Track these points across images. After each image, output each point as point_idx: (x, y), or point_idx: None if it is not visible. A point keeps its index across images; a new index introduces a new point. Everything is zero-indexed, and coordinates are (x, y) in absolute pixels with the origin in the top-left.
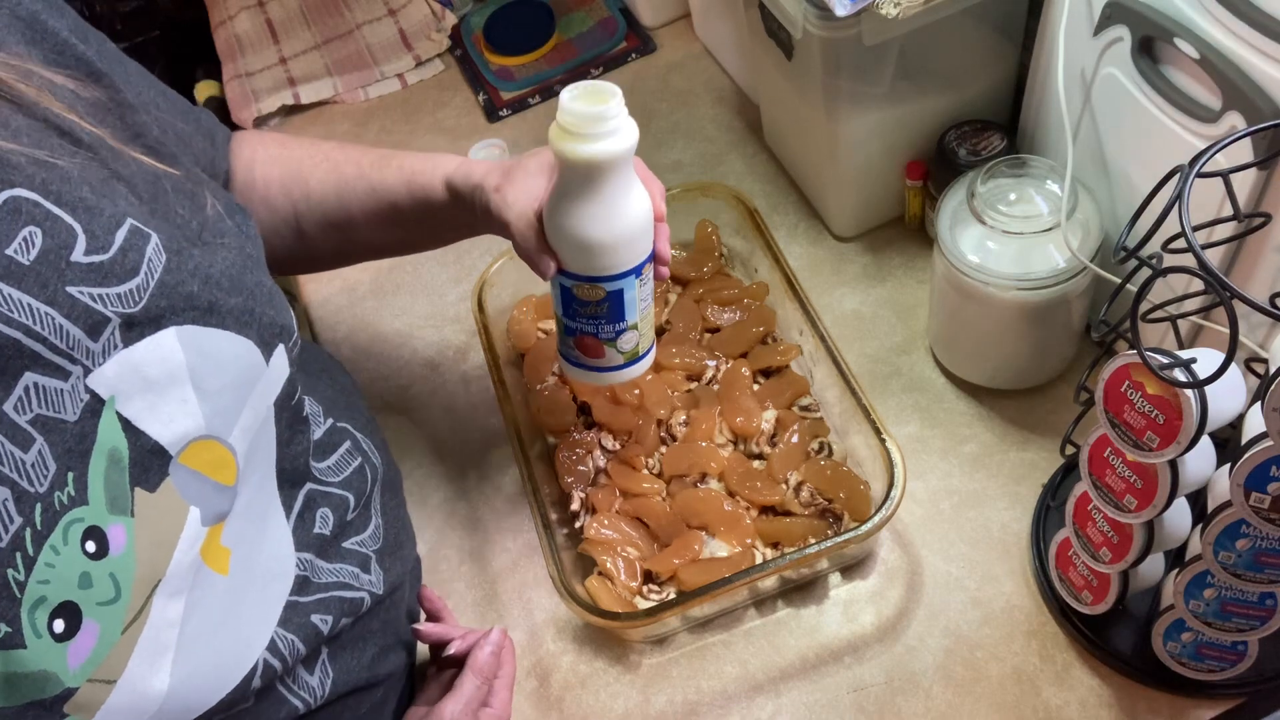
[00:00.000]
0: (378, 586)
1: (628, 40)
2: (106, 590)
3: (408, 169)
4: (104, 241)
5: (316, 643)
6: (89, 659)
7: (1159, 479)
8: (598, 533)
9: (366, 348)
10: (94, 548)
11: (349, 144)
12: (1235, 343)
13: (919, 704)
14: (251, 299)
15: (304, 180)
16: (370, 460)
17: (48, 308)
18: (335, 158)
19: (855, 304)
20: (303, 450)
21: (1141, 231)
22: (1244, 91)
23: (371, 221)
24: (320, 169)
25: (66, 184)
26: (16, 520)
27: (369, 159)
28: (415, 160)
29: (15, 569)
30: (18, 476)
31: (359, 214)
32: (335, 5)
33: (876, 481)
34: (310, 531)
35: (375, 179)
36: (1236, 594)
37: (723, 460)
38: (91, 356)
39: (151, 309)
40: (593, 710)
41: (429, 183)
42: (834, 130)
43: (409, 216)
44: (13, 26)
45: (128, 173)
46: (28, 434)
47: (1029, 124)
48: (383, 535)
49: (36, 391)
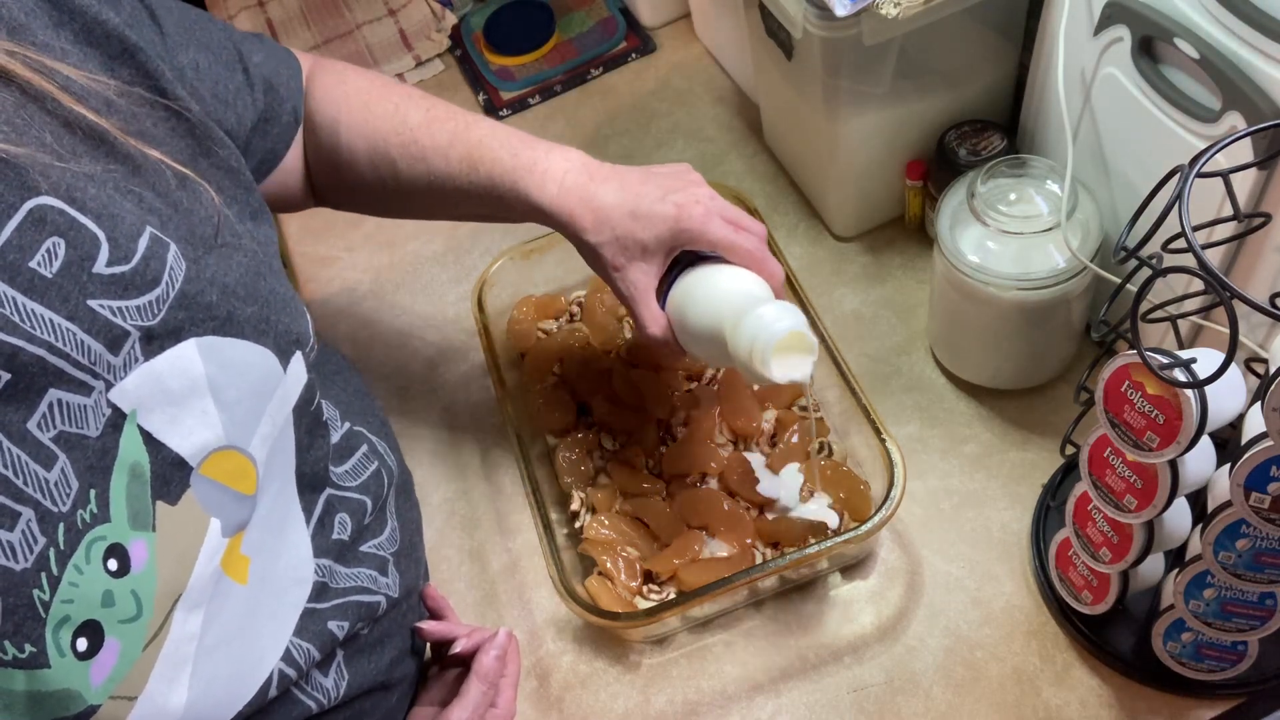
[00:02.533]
0: (394, 589)
1: (628, 40)
2: (128, 608)
3: (496, 175)
4: (126, 250)
5: (331, 648)
6: (110, 676)
7: (1159, 479)
8: (598, 533)
9: (366, 348)
10: (116, 565)
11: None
12: (1235, 343)
13: (919, 704)
14: (267, 307)
15: (391, 162)
16: (386, 463)
17: (69, 323)
18: (423, 143)
19: (855, 304)
20: (322, 455)
21: (1141, 231)
22: (1244, 91)
23: (459, 211)
24: (409, 154)
25: (91, 188)
26: (40, 540)
27: (456, 152)
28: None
29: (41, 589)
30: (41, 496)
31: (449, 204)
32: (335, 5)
33: (876, 481)
34: (329, 537)
35: (464, 181)
36: (1236, 594)
37: (723, 460)
38: (113, 371)
39: (170, 321)
40: (593, 710)
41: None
42: (834, 130)
43: (497, 215)
44: (38, 9)
45: (147, 173)
46: (51, 452)
47: (1029, 124)
48: (399, 538)
49: (60, 408)
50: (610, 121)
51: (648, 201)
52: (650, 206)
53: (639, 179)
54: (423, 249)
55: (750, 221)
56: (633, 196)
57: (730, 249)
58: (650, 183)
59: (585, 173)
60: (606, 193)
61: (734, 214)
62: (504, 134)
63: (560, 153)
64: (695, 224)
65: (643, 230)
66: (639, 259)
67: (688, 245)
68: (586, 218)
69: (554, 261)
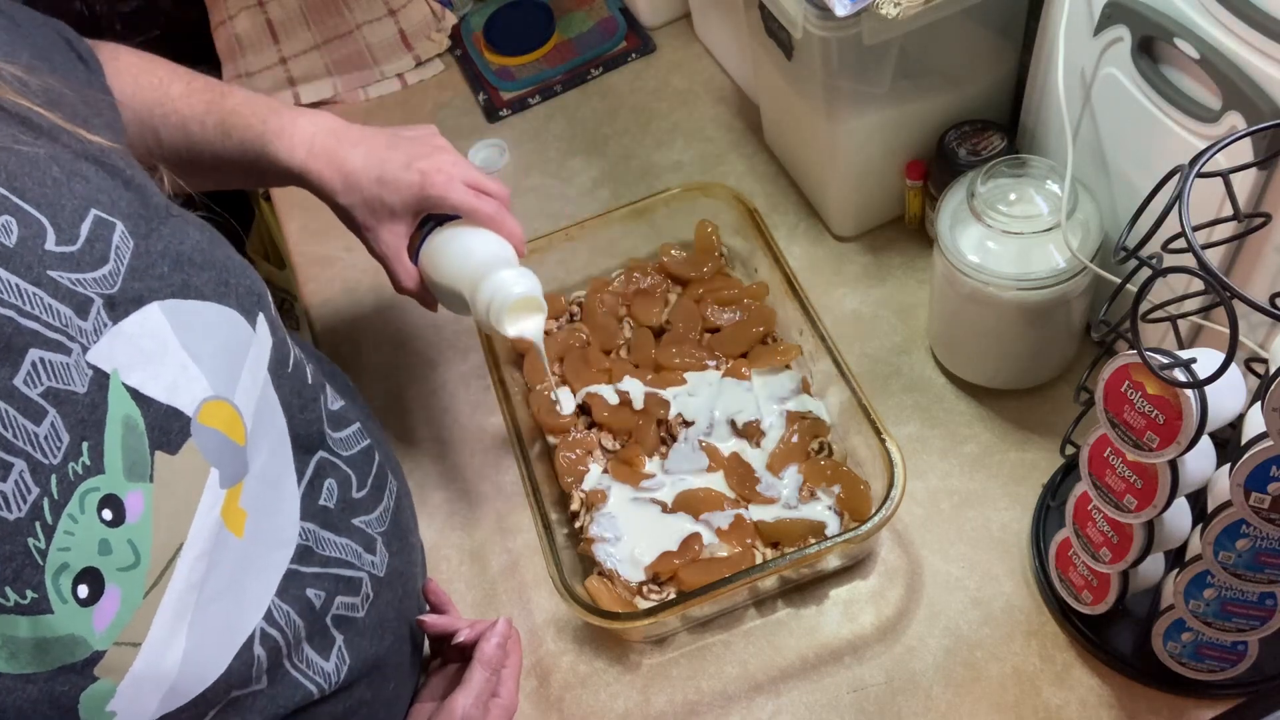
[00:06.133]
0: (379, 569)
1: (628, 40)
2: (126, 556)
3: (247, 141)
4: (70, 234)
5: (313, 617)
6: (114, 622)
7: (1159, 479)
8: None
9: (366, 348)
10: (111, 515)
11: (190, 87)
12: (1235, 343)
13: (919, 704)
14: (225, 271)
15: (154, 131)
16: (380, 446)
17: (35, 288)
18: (182, 113)
19: (855, 304)
20: (316, 418)
21: (1141, 231)
22: (1244, 91)
23: (223, 178)
24: (169, 124)
25: (31, 175)
26: (34, 490)
27: (211, 119)
28: (252, 131)
29: (36, 538)
30: (31, 449)
31: (210, 171)
32: (335, 5)
33: (876, 481)
34: (315, 502)
35: (219, 147)
36: (1236, 594)
37: (723, 460)
38: (84, 334)
39: (128, 290)
40: (593, 710)
41: (271, 164)
42: (834, 130)
43: (261, 180)
44: None
45: (88, 154)
46: (40, 407)
47: (1029, 124)
48: (390, 519)
49: (44, 366)
50: (610, 121)
51: (393, 168)
52: (396, 173)
53: (385, 143)
54: None
55: (492, 185)
56: (378, 162)
57: (472, 213)
58: (397, 148)
59: (334, 136)
60: (354, 157)
61: (476, 178)
62: (256, 102)
63: (308, 117)
64: (438, 190)
65: (389, 195)
66: (387, 221)
67: (433, 210)
68: (336, 181)
69: (554, 261)
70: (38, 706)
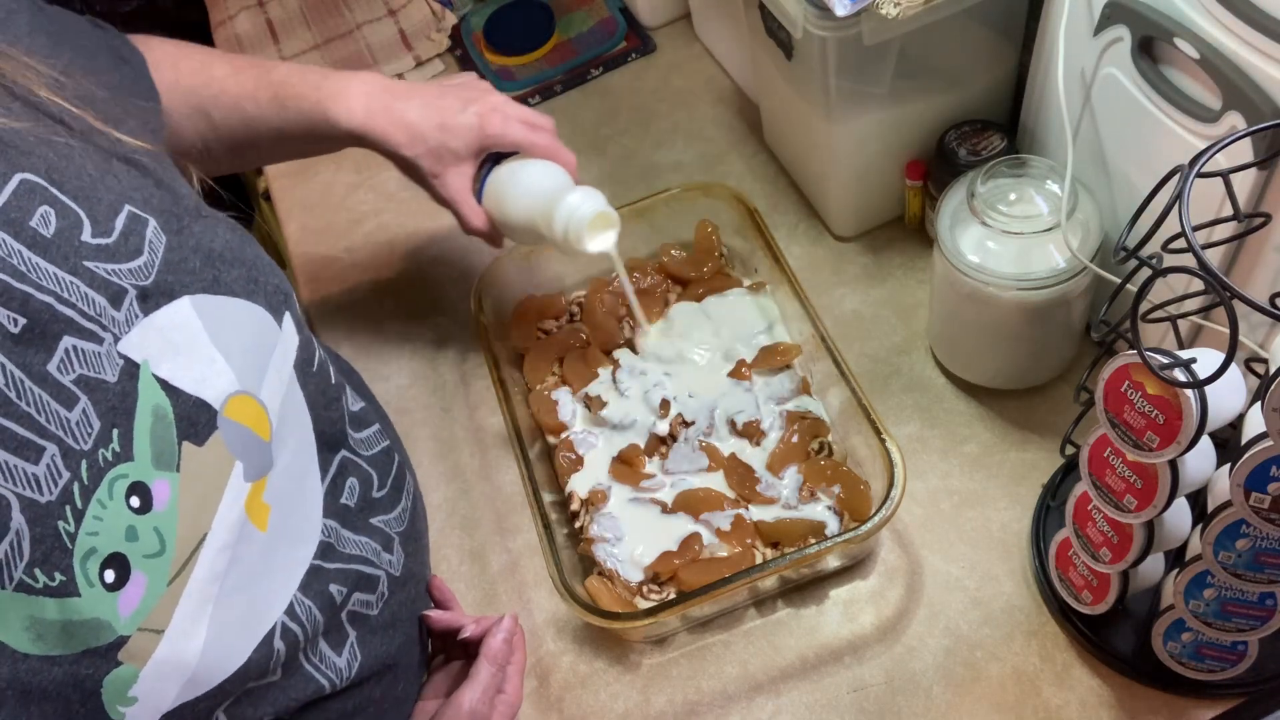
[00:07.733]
0: (396, 568)
1: (628, 40)
2: (152, 543)
3: (305, 109)
4: (106, 227)
5: (332, 613)
6: (138, 608)
7: (1159, 479)
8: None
9: (366, 348)
10: (138, 503)
11: (234, 66)
12: (1235, 343)
13: (919, 704)
14: (254, 269)
15: (207, 115)
16: (398, 447)
17: (71, 277)
18: (232, 92)
19: (855, 304)
20: (339, 416)
21: (1141, 231)
22: (1244, 91)
23: (283, 150)
24: (220, 105)
25: (69, 168)
26: (65, 474)
27: (263, 95)
28: (307, 100)
29: (66, 521)
30: (63, 434)
31: (271, 146)
32: (335, 5)
33: (876, 481)
34: (337, 500)
35: (276, 120)
36: (1236, 594)
37: (723, 460)
38: (117, 325)
39: (161, 283)
40: (593, 710)
41: (332, 127)
42: (834, 130)
43: (319, 148)
44: (19, 7)
45: (120, 154)
46: (71, 393)
47: (1029, 124)
48: (408, 519)
49: (77, 353)
50: (610, 121)
51: (451, 114)
52: (455, 118)
53: (436, 93)
54: (422, 249)
55: (541, 118)
56: (436, 111)
57: (531, 147)
58: (449, 96)
59: (388, 93)
60: (411, 109)
61: (526, 113)
62: (302, 71)
63: (358, 79)
64: (496, 129)
65: (453, 140)
66: (453, 165)
67: (493, 148)
68: (399, 134)
69: (554, 261)
70: (62, 689)
